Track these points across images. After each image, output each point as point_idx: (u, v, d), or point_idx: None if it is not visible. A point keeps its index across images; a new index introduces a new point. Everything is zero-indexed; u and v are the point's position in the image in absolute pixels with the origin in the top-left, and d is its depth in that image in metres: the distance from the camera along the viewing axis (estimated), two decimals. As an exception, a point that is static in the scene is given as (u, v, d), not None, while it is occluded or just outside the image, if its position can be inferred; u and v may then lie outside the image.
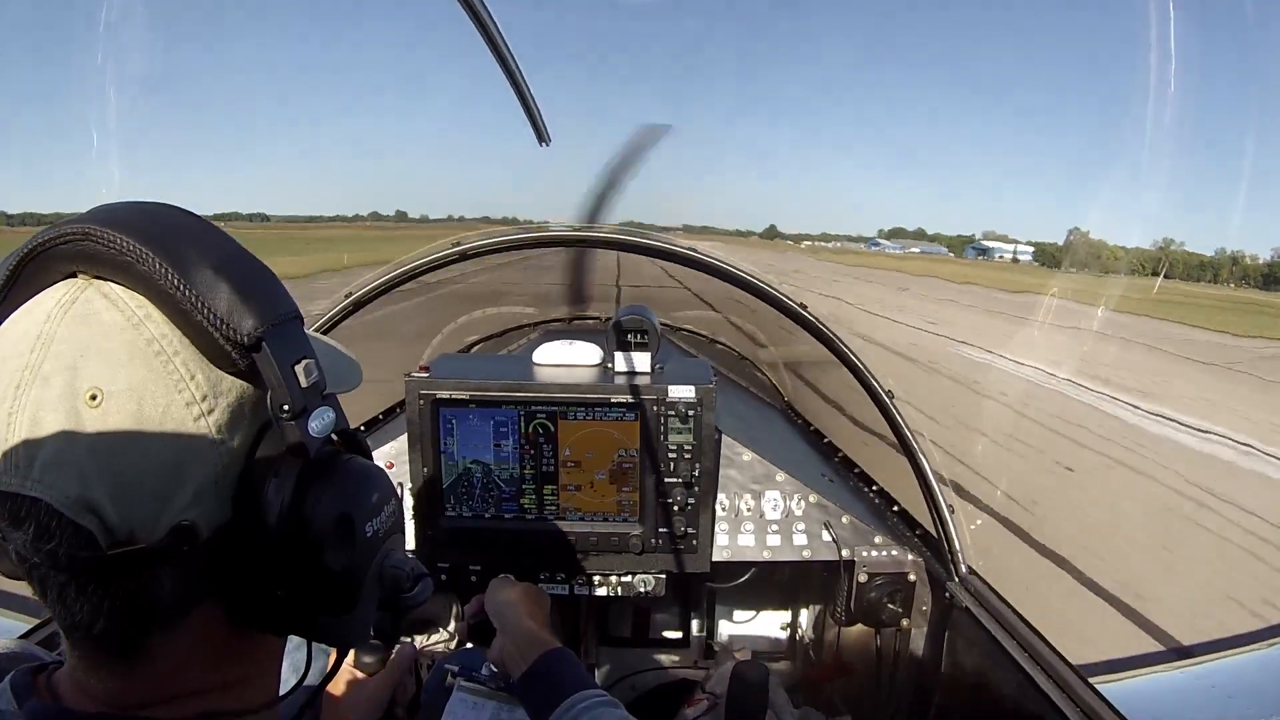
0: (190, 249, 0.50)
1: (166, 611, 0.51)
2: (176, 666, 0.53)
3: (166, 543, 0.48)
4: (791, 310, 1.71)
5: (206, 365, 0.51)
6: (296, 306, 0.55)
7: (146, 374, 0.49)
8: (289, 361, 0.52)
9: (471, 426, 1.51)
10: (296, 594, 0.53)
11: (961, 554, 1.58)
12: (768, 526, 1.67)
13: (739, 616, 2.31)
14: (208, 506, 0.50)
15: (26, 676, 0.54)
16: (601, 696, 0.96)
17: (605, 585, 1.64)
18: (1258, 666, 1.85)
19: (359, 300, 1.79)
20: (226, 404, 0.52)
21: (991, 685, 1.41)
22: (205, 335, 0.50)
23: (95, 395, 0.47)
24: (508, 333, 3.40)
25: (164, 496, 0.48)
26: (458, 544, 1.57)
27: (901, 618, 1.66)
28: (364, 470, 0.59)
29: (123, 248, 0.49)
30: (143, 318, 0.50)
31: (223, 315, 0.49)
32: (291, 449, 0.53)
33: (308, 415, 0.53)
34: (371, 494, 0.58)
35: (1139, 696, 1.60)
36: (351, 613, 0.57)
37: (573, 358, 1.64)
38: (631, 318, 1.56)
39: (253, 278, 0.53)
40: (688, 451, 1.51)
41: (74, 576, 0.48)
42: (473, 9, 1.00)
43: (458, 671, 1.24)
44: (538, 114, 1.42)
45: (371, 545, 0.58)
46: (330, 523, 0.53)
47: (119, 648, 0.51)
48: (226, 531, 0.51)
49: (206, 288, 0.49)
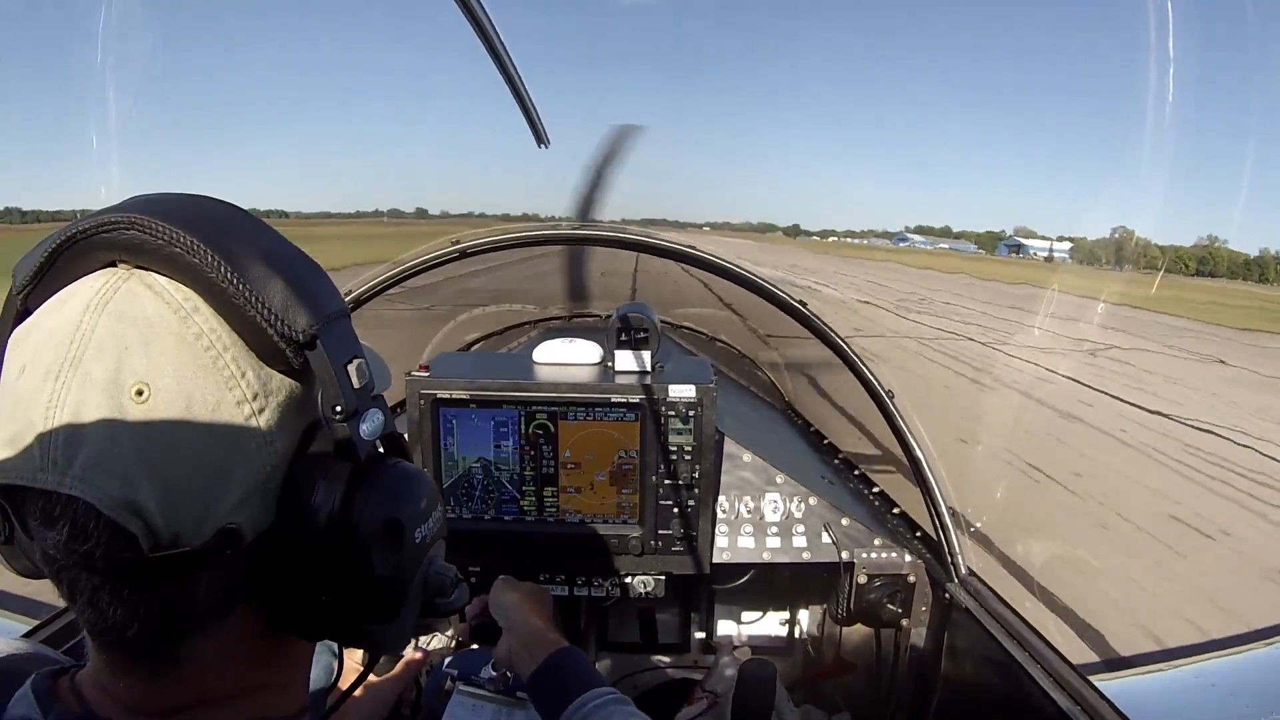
0: (240, 241, 0.48)
1: (203, 616, 0.49)
2: (208, 671, 0.51)
3: (210, 546, 0.46)
4: (791, 308, 1.71)
5: (257, 362, 0.49)
6: (345, 304, 0.53)
7: (196, 369, 0.46)
8: (342, 360, 0.50)
9: (472, 426, 1.51)
10: (342, 599, 0.51)
11: (961, 556, 1.58)
12: (767, 528, 1.67)
13: (739, 616, 2.31)
14: (253, 509, 0.48)
15: (47, 680, 0.52)
16: (612, 694, 0.95)
17: (605, 586, 1.64)
18: (1258, 665, 1.85)
19: (358, 299, 1.79)
20: (276, 403, 0.50)
21: (991, 684, 1.41)
22: (258, 331, 0.48)
23: (142, 390, 0.44)
24: (507, 330, 3.40)
25: (211, 499, 0.46)
26: (458, 545, 1.57)
27: (901, 618, 1.66)
28: (412, 475, 0.57)
29: (171, 238, 0.46)
30: (190, 310, 0.47)
31: (278, 311, 0.47)
32: (340, 451, 0.51)
33: (360, 417, 0.51)
34: (420, 499, 0.56)
35: (1139, 695, 1.60)
36: (396, 619, 0.55)
37: (573, 356, 1.63)
38: (632, 315, 1.56)
39: (305, 272, 0.51)
40: (688, 453, 1.51)
41: (109, 579, 0.45)
42: (473, 15, 1.00)
43: (457, 675, 1.24)
44: (536, 117, 1.42)
45: (420, 551, 0.56)
46: (380, 527, 0.52)
47: (151, 652, 0.49)
48: (271, 535, 0.49)
49: (260, 282, 0.47)
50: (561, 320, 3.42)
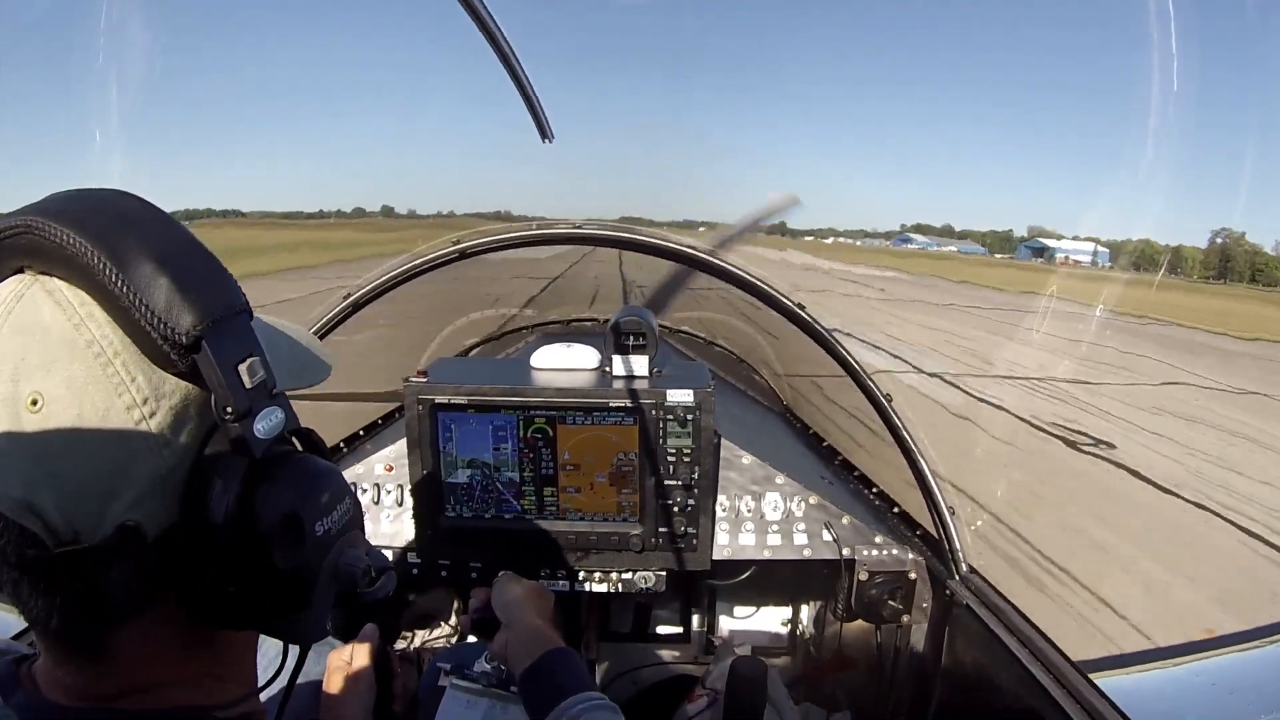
0: (132, 241, 0.49)
1: (120, 608, 0.51)
2: (140, 660, 0.54)
3: (112, 542, 0.48)
4: (789, 310, 1.71)
5: (149, 366, 0.50)
6: (244, 299, 0.53)
7: (86, 377, 0.48)
8: (232, 361, 0.51)
9: (470, 430, 1.51)
10: (247, 592, 0.53)
11: (962, 553, 1.58)
12: (768, 526, 1.68)
13: (740, 612, 2.32)
14: (153, 507, 0.50)
15: (10, 667, 0.55)
16: (600, 700, 0.96)
17: (606, 582, 1.64)
18: (1258, 663, 1.85)
19: (357, 301, 1.79)
20: (169, 406, 0.51)
21: (992, 681, 1.42)
22: (144, 335, 0.49)
23: (36, 400, 0.47)
24: (505, 335, 3.40)
25: (107, 498, 0.49)
26: (459, 542, 1.58)
27: (902, 614, 1.66)
28: (313, 470, 0.58)
29: (63, 241, 0.47)
30: (85, 317, 0.49)
31: (160, 313, 0.48)
32: (237, 450, 0.52)
33: (253, 416, 0.52)
34: (321, 493, 0.58)
35: (1139, 693, 1.60)
36: (305, 611, 0.57)
37: (571, 361, 1.63)
38: (629, 320, 1.55)
39: (196, 270, 0.51)
40: (687, 455, 1.51)
41: (25, 573, 0.48)
42: (472, 7, 1.00)
43: (450, 669, 1.24)
44: (540, 110, 1.42)
45: (323, 543, 0.57)
46: (277, 522, 0.53)
47: (77, 643, 0.52)
48: (174, 531, 0.51)
49: (145, 283, 0.48)
50: (559, 325, 3.42)
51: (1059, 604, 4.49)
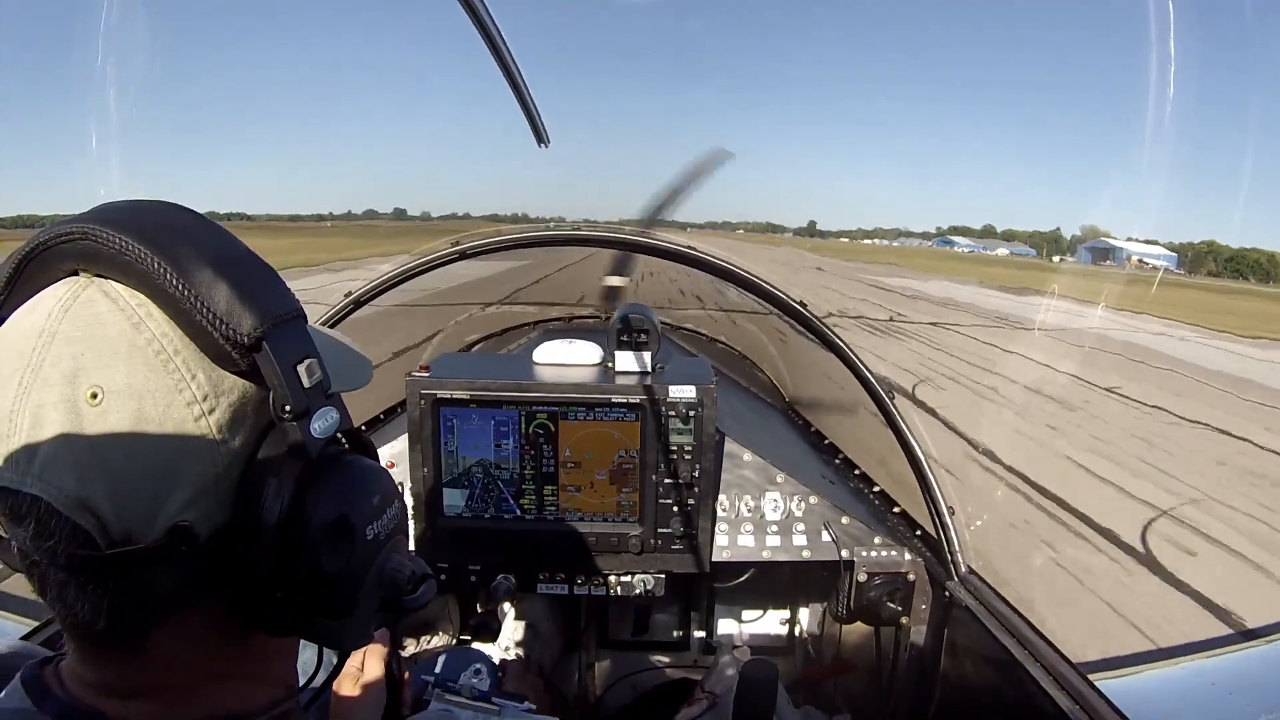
0: (189, 247, 0.50)
1: (165, 608, 0.51)
2: (173, 660, 0.53)
3: (164, 543, 0.48)
4: (791, 308, 1.71)
5: (209, 365, 0.51)
6: (299, 304, 0.55)
7: (147, 373, 0.49)
8: (291, 361, 0.52)
9: (472, 426, 1.51)
10: (294, 596, 0.53)
11: (961, 554, 1.58)
12: (767, 527, 1.67)
13: (739, 616, 2.31)
14: (207, 507, 0.50)
15: (36, 670, 0.55)
16: None
17: (605, 585, 1.64)
18: (1257, 663, 1.85)
19: (358, 299, 1.79)
20: (228, 404, 0.51)
21: (991, 682, 1.42)
22: (205, 335, 0.50)
23: (96, 394, 0.47)
24: (507, 332, 3.40)
25: (161, 496, 0.48)
26: (458, 543, 1.57)
27: (901, 616, 1.66)
28: (366, 471, 0.58)
29: (122, 247, 0.49)
30: (144, 316, 0.50)
31: (222, 315, 0.49)
32: (292, 450, 0.52)
33: (310, 416, 0.53)
34: (373, 496, 0.58)
35: (1139, 693, 1.60)
36: (350, 616, 0.57)
37: (573, 357, 1.63)
38: (632, 316, 1.56)
39: (253, 276, 0.52)
40: (688, 452, 1.51)
41: (73, 574, 0.48)
42: (473, 10, 1.00)
43: (435, 682, 1.23)
44: (537, 115, 1.42)
45: (372, 548, 0.57)
46: (328, 525, 0.53)
47: (116, 642, 0.51)
48: (226, 532, 0.51)
49: (205, 287, 0.49)
50: (561, 322, 3.42)
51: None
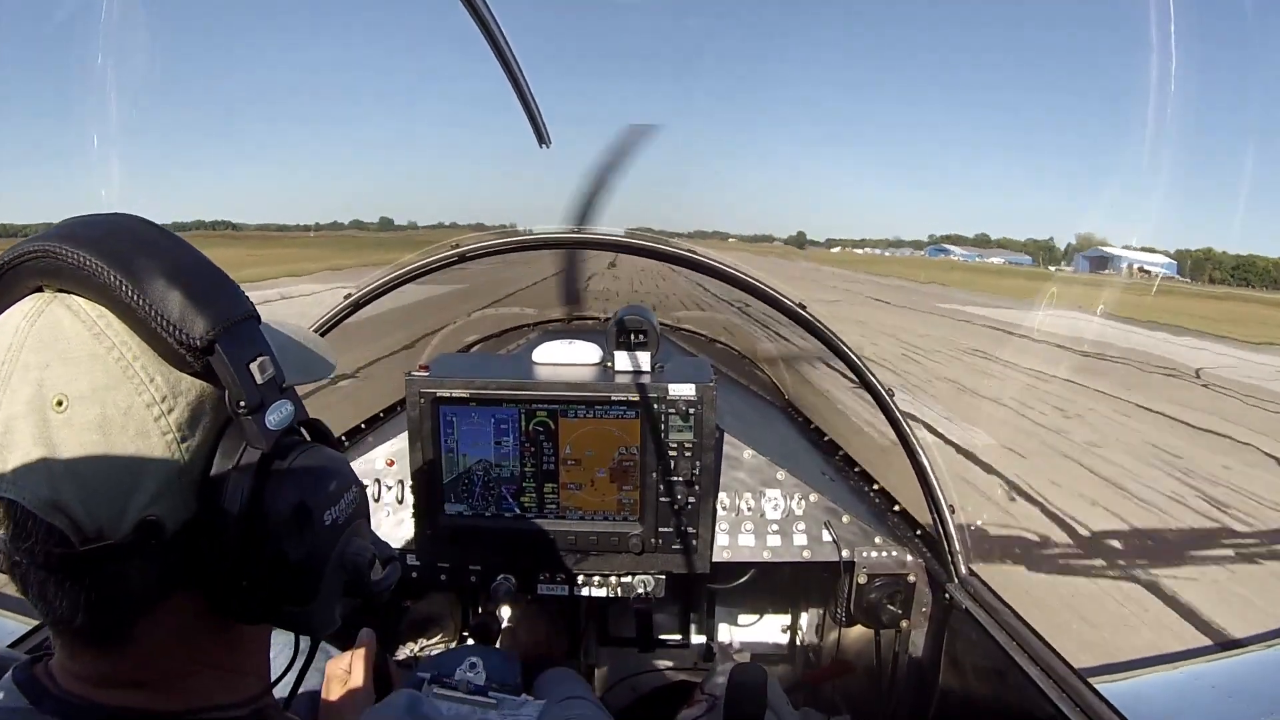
0: (145, 259, 0.53)
1: (142, 602, 0.54)
2: (155, 651, 0.56)
3: (134, 538, 0.51)
4: (790, 310, 1.71)
5: (166, 368, 0.54)
6: (251, 307, 0.58)
7: (107, 379, 0.52)
8: (244, 360, 0.55)
9: (472, 424, 1.51)
10: (259, 583, 0.55)
11: (962, 555, 1.58)
12: (768, 526, 1.67)
13: (739, 618, 2.31)
14: (173, 502, 0.53)
15: (27, 668, 0.57)
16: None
17: (605, 586, 1.64)
18: (1257, 667, 1.85)
19: (358, 301, 1.79)
20: (186, 403, 0.55)
21: (991, 686, 1.41)
22: (161, 341, 0.53)
23: (61, 401, 0.50)
24: (506, 333, 3.41)
25: (128, 494, 0.51)
26: (458, 542, 1.57)
27: (901, 619, 1.66)
28: (321, 460, 0.61)
29: (80, 262, 0.52)
30: (104, 327, 0.53)
31: (175, 321, 0.52)
32: (250, 443, 0.55)
33: (265, 410, 0.56)
34: (329, 482, 0.60)
35: (1139, 697, 1.60)
36: (314, 601, 0.59)
37: (573, 357, 1.63)
38: (631, 317, 1.56)
39: (205, 283, 0.55)
40: (688, 450, 1.51)
41: (51, 572, 0.51)
42: (475, 10, 1.00)
43: (430, 678, 1.23)
44: (538, 115, 1.42)
45: (330, 533, 0.60)
46: (288, 513, 0.56)
47: (97, 636, 0.54)
48: (192, 525, 0.54)
49: (159, 296, 0.52)
50: (561, 323, 3.43)
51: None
